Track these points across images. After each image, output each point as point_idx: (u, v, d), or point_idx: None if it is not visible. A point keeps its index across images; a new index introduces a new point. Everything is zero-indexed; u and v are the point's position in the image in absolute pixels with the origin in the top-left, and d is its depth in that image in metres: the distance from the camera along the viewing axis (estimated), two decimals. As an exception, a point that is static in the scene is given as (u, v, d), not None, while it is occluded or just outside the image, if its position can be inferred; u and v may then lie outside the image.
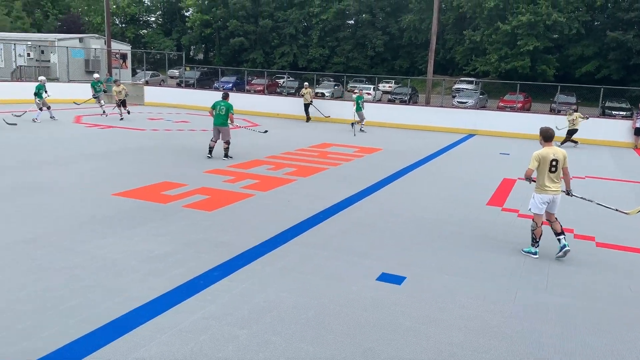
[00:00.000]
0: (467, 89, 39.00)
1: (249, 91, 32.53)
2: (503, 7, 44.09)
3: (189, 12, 65.55)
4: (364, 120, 20.84)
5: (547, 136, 6.87)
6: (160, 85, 38.80)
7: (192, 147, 14.31)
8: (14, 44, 37.50)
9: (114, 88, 20.75)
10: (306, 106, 23.61)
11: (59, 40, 42.75)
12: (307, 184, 10.80)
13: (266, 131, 17.13)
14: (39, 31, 64.95)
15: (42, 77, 20.26)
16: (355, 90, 24.00)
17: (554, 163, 6.74)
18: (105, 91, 21.34)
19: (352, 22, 60.03)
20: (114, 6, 60.66)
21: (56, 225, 7.26)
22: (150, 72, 44.69)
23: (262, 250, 6.73)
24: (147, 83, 33.94)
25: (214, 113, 12.88)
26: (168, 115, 23.08)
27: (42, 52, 41.36)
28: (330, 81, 41.58)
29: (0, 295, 5.06)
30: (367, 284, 5.83)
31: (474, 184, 11.74)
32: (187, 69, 39.78)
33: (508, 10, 43.97)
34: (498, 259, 6.87)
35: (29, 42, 42.01)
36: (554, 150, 6.81)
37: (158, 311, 4.89)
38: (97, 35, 48.79)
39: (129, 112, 20.99)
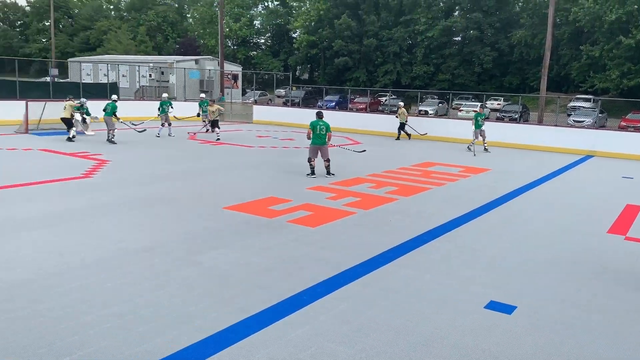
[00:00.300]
0: (584, 107, 36.64)
1: (351, 109, 32.90)
2: (626, 20, 40.97)
3: (296, 34, 67.97)
4: (475, 140, 19.86)
5: None
6: (267, 104, 40.44)
7: (297, 164, 14.65)
8: (138, 66, 40.98)
9: (209, 107, 20.82)
10: (401, 125, 23.33)
11: (177, 62, 46.17)
12: (410, 204, 10.63)
13: (364, 150, 17.12)
14: (159, 54, 70.68)
15: (165, 94, 21.92)
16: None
17: None
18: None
19: (459, 38, 58.91)
20: (227, 29, 64.40)
21: (172, 236, 7.73)
22: (259, 92, 46.76)
23: (364, 269, 6.68)
24: (255, 102, 35.51)
25: (312, 133, 12.89)
26: (275, 133, 23.92)
27: (162, 73, 44.86)
28: (435, 98, 40.95)
29: (123, 299, 5.47)
30: (475, 310, 5.58)
31: (592, 209, 10.90)
32: (294, 88, 41.10)
33: (632, 23, 40.78)
34: (621, 292, 6.28)
35: (151, 64, 45.81)
36: None
37: (264, 323, 5.01)
38: (211, 57, 52.09)
39: (217, 133, 20.56)
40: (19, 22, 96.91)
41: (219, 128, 20.45)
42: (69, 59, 61.27)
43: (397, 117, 23.57)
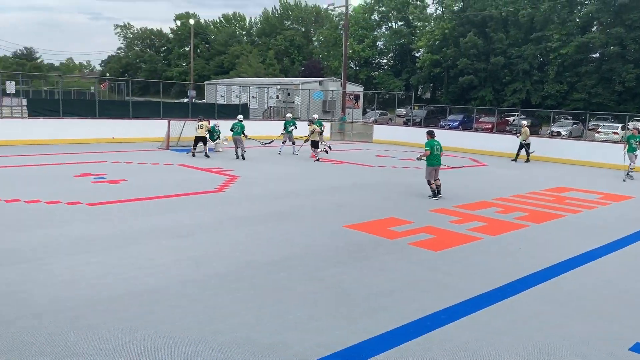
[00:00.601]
0: None
1: (476, 129, 31.79)
2: None
3: (419, 53, 67.48)
4: (633, 165, 17.91)
5: None
6: (387, 123, 40.49)
7: (417, 184, 14.41)
8: (267, 88, 43.17)
9: (308, 128, 20.42)
10: (521, 145, 22.04)
11: (303, 83, 47.95)
12: (542, 231, 9.97)
13: (463, 166, 16.71)
14: (286, 76, 73.95)
15: (289, 114, 22.85)
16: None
17: None
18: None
19: (597, 55, 54.63)
20: (350, 51, 65.69)
21: (296, 251, 7.97)
22: (379, 111, 46.97)
23: (490, 298, 6.37)
24: (375, 122, 35.72)
25: (431, 154, 12.52)
26: (394, 153, 23.83)
27: (288, 94, 46.81)
28: (568, 119, 38.30)
29: (251, 310, 5.72)
30: (617, 352, 5.06)
31: None
32: (415, 107, 40.75)
33: None
34: None
35: (278, 86, 48.02)
36: None
37: (386, 346, 4.96)
38: (334, 78, 53.41)
39: (321, 149, 20.46)
40: (163, 48, 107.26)
41: (317, 148, 19.97)
42: (205, 81, 66.30)
43: (518, 136, 22.47)
